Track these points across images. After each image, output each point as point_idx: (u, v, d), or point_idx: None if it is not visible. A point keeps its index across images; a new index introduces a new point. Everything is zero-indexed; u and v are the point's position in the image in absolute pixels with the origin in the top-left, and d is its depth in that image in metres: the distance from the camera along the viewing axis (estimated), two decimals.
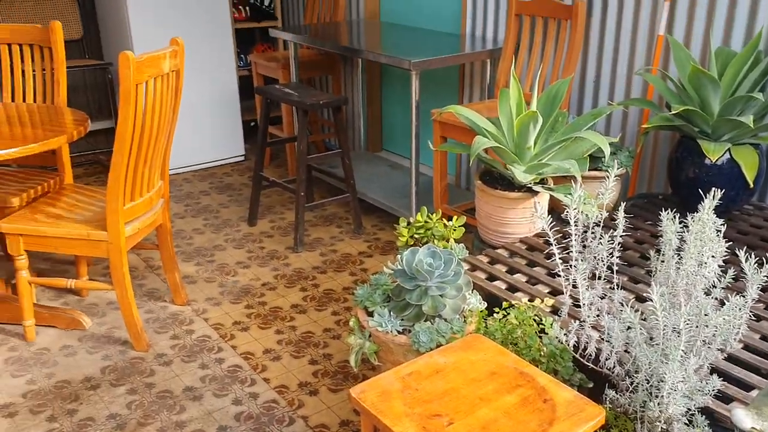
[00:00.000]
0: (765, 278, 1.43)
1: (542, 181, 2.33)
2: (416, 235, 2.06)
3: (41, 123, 2.54)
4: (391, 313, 1.81)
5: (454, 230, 2.05)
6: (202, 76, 4.21)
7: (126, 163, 2.28)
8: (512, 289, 2.03)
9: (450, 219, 2.13)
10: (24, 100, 2.92)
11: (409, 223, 2.13)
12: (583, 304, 1.62)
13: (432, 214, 2.11)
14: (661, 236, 1.58)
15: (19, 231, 2.36)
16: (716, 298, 1.48)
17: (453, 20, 3.65)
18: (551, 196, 2.34)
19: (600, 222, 1.61)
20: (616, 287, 1.72)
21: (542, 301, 1.86)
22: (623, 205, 1.67)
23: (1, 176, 2.85)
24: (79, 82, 4.52)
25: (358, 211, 3.44)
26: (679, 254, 1.53)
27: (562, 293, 1.94)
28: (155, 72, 2.30)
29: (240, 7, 4.66)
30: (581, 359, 1.62)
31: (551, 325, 1.73)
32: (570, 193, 2.02)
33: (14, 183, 2.78)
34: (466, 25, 3.47)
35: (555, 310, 1.89)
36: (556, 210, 2.59)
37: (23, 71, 2.94)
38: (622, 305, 1.52)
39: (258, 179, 3.50)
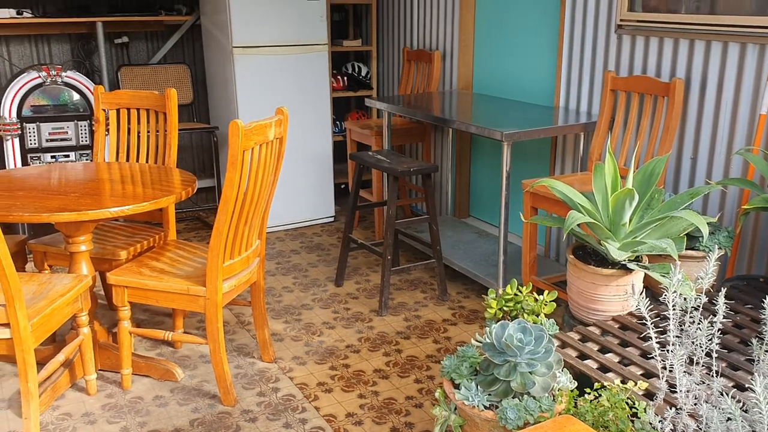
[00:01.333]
0: None
1: (637, 259, 2.29)
2: (505, 308, 2.06)
3: (152, 183, 2.71)
4: (479, 387, 1.80)
5: (545, 305, 2.03)
6: (300, 140, 4.40)
7: (228, 222, 2.40)
8: (604, 369, 1.99)
9: (539, 292, 2.12)
10: (138, 160, 3.14)
11: (497, 295, 2.13)
12: (680, 390, 1.56)
13: (522, 287, 2.11)
14: (764, 323, 1.52)
15: (125, 283, 2.51)
16: None
17: (546, 93, 3.69)
18: (646, 274, 2.29)
19: (699, 305, 1.57)
20: (714, 374, 1.66)
21: (636, 383, 1.81)
22: (723, 289, 1.62)
23: (112, 230, 3.05)
24: (186, 143, 4.80)
25: (444, 278, 3.45)
26: None
27: (657, 377, 1.88)
28: (261, 139, 2.44)
29: (338, 77, 4.87)
30: None
31: (645, 409, 1.68)
32: (666, 273, 1.97)
33: (123, 237, 2.96)
34: (559, 98, 3.50)
35: (649, 394, 1.83)
36: (650, 288, 2.53)
37: (139, 133, 3.17)
38: (722, 394, 1.46)
39: (347, 241, 3.58)
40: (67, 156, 4.01)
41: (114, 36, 4.47)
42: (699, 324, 1.56)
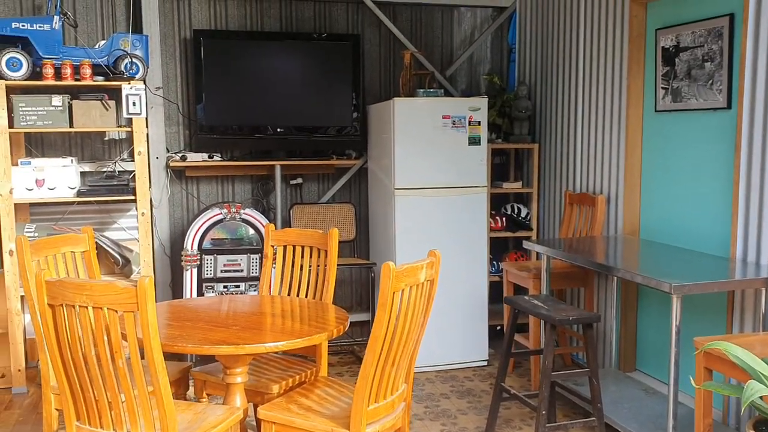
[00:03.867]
0: None
1: None
2: None
3: (308, 318, 2.80)
4: None
5: None
6: (455, 280, 4.39)
7: (376, 364, 2.39)
8: None
9: None
10: (298, 293, 3.27)
11: None
12: None
13: None
14: None
15: (274, 419, 2.54)
16: None
17: (721, 243, 3.43)
18: None
19: None
20: None
21: None
22: None
23: (268, 362, 3.14)
24: (346, 276, 4.98)
25: None
26: None
27: None
28: (412, 281, 2.45)
29: (497, 217, 4.88)
30: None
31: None
32: None
33: (277, 370, 3.04)
34: (736, 248, 3.23)
35: None
36: None
37: (302, 267, 3.33)
38: None
39: (499, 390, 3.42)
40: (238, 286, 4.28)
41: (290, 177, 4.85)
42: None
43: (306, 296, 3.26)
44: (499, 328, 4.98)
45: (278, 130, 4.61)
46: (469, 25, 5.22)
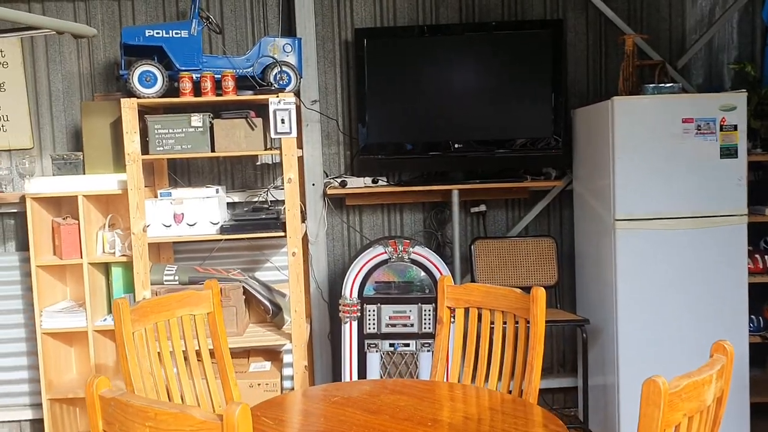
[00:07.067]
0: None
1: None
2: None
3: None
4: None
5: None
6: (703, 343, 3.20)
7: None
8: None
9: None
10: (486, 381, 2.31)
11: None
12: None
13: None
14: None
15: None
16: None
17: None
18: None
19: None
20: None
21: None
22: None
23: None
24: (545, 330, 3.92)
25: None
26: None
27: None
28: (695, 407, 1.40)
29: (755, 255, 3.57)
30: None
31: None
32: None
33: None
34: None
35: None
36: None
37: (491, 338, 2.37)
38: None
39: None
40: (407, 345, 3.40)
41: (470, 204, 3.90)
42: None
43: (497, 387, 2.29)
44: (753, 402, 3.65)
45: (456, 146, 3.69)
46: (707, 2, 3.96)
